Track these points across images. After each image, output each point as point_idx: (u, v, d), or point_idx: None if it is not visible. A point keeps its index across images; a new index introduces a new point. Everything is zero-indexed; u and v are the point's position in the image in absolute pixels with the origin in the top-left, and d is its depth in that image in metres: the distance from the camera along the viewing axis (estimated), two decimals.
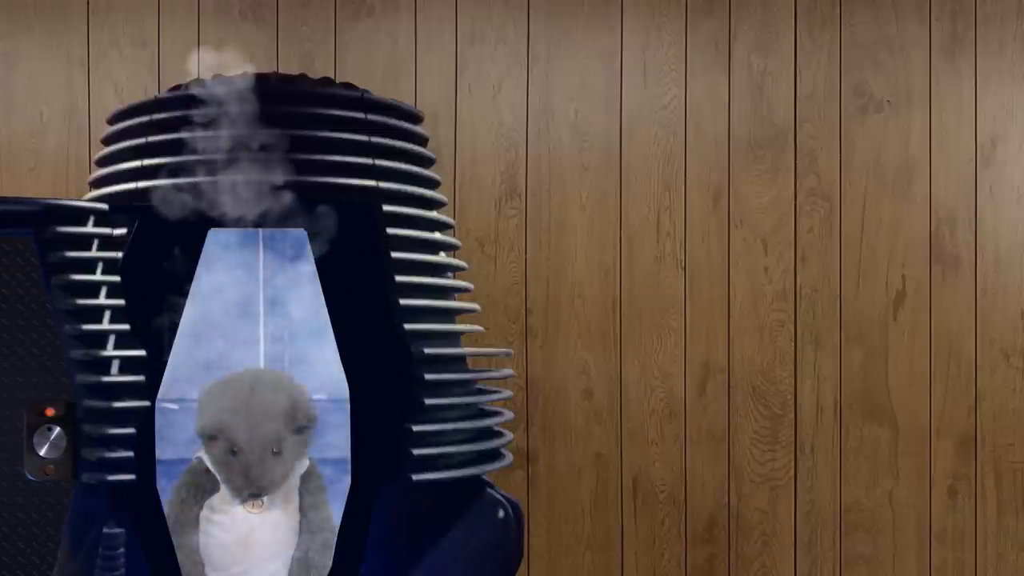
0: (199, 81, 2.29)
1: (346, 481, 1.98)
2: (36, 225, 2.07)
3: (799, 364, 3.08)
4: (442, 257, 2.35)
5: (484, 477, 2.24)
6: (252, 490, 1.98)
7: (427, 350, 2.15)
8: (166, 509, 1.97)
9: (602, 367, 3.08)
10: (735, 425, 3.08)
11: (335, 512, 2.02)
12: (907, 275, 3.07)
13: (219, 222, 2.15)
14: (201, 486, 1.98)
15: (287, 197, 2.15)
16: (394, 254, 2.16)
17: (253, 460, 1.96)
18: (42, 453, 2.05)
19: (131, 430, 2.03)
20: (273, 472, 1.98)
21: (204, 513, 1.97)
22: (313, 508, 2.04)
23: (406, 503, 2.10)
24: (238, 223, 2.24)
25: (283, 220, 2.22)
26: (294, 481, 2.02)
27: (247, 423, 1.96)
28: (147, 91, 2.93)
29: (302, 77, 2.33)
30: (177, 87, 2.28)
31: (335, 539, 2.02)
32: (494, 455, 2.29)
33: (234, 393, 1.98)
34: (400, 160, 2.26)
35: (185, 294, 2.11)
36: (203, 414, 1.98)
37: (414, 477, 2.05)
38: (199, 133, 2.17)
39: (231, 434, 1.96)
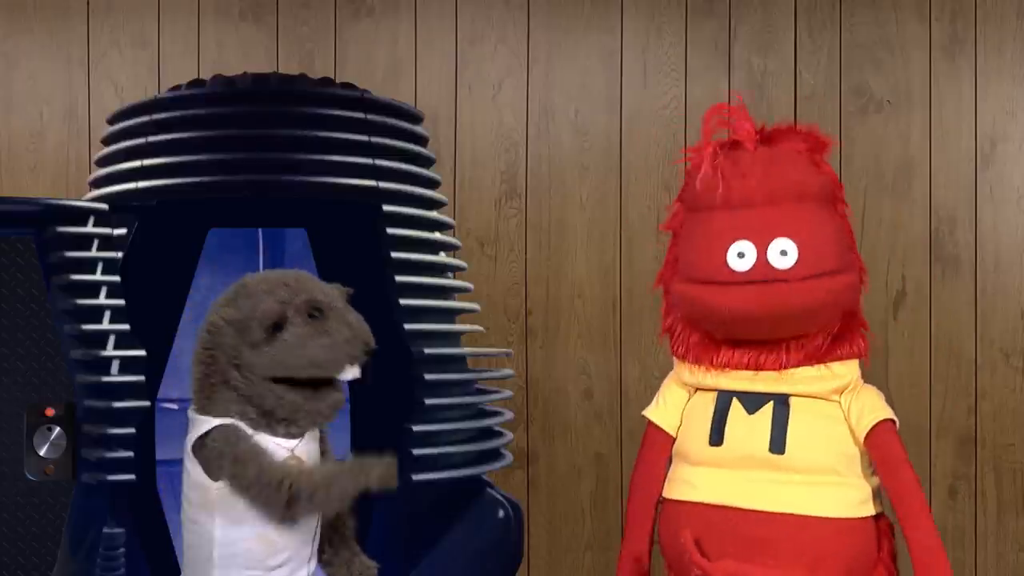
0: (199, 81, 2.29)
1: None
2: (36, 225, 2.07)
3: None
4: (442, 257, 2.35)
5: (484, 477, 2.24)
6: (363, 343, 1.74)
7: (427, 350, 2.15)
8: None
9: (602, 367, 3.08)
10: None
11: None
12: (907, 275, 3.07)
13: (219, 222, 2.15)
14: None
15: (287, 197, 2.15)
16: (394, 254, 2.17)
17: (342, 307, 1.75)
18: (42, 453, 2.05)
19: (131, 430, 2.03)
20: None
21: (224, 494, 1.72)
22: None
23: (406, 503, 2.10)
24: (238, 223, 2.25)
25: (283, 220, 2.22)
26: None
27: (313, 283, 1.76)
28: (147, 91, 2.92)
29: (302, 77, 2.33)
30: (177, 87, 2.28)
31: None
32: (494, 455, 2.29)
33: (276, 276, 1.77)
34: (400, 160, 2.26)
35: (185, 294, 2.11)
36: (258, 302, 1.71)
37: (414, 477, 2.05)
38: (199, 133, 2.17)
39: (309, 295, 1.72)
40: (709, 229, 1.85)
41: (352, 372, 1.75)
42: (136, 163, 2.19)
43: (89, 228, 2.09)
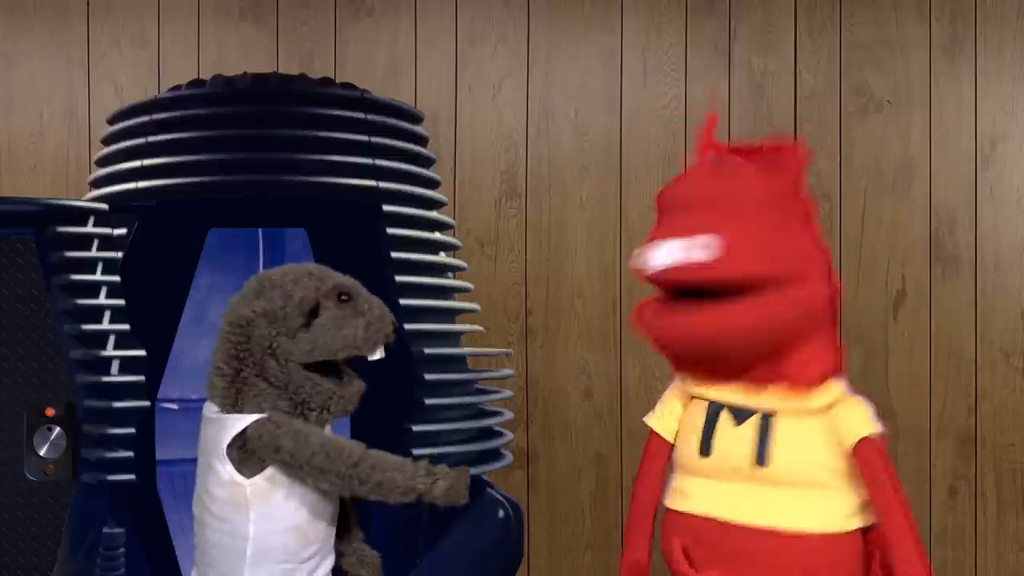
0: (199, 81, 2.29)
1: None
2: (36, 225, 2.08)
3: None
4: (442, 257, 2.35)
5: (484, 477, 2.24)
6: (391, 322, 1.78)
7: (427, 350, 2.15)
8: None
9: (602, 367, 3.08)
10: None
11: None
12: (907, 275, 3.07)
13: (219, 222, 2.15)
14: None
15: (287, 197, 2.15)
16: (394, 254, 2.17)
17: (366, 292, 1.79)
18: (42, 453, 2.05)
19: (131, 430, 2.03)
20: None
21: (258, 490, 1.72)
22: None
23: (406, 503, 2.10)
24: (238, 223, 2.25)
25: (283, 220, 2.22)
26: None
27: (333, 272, 1.80)
28: (147, 91, 2.92)
29: (302, 77, 2.33)
30: (177, 87, 2.28)
31: None
32: (494, 455, 2.29)
33: (298, 267, 1.80)
34: (400, 160, 2.26)
35: (185, 294, 2.11)
36: (290, 291, 1.74)
37: None
38: (199, 133, 2.18)
39: (335, 281, 1.77)
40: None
41: (380, 352, 1.79)
42: (136, 163, 2.19)
43: (89, 228, 2.09)
